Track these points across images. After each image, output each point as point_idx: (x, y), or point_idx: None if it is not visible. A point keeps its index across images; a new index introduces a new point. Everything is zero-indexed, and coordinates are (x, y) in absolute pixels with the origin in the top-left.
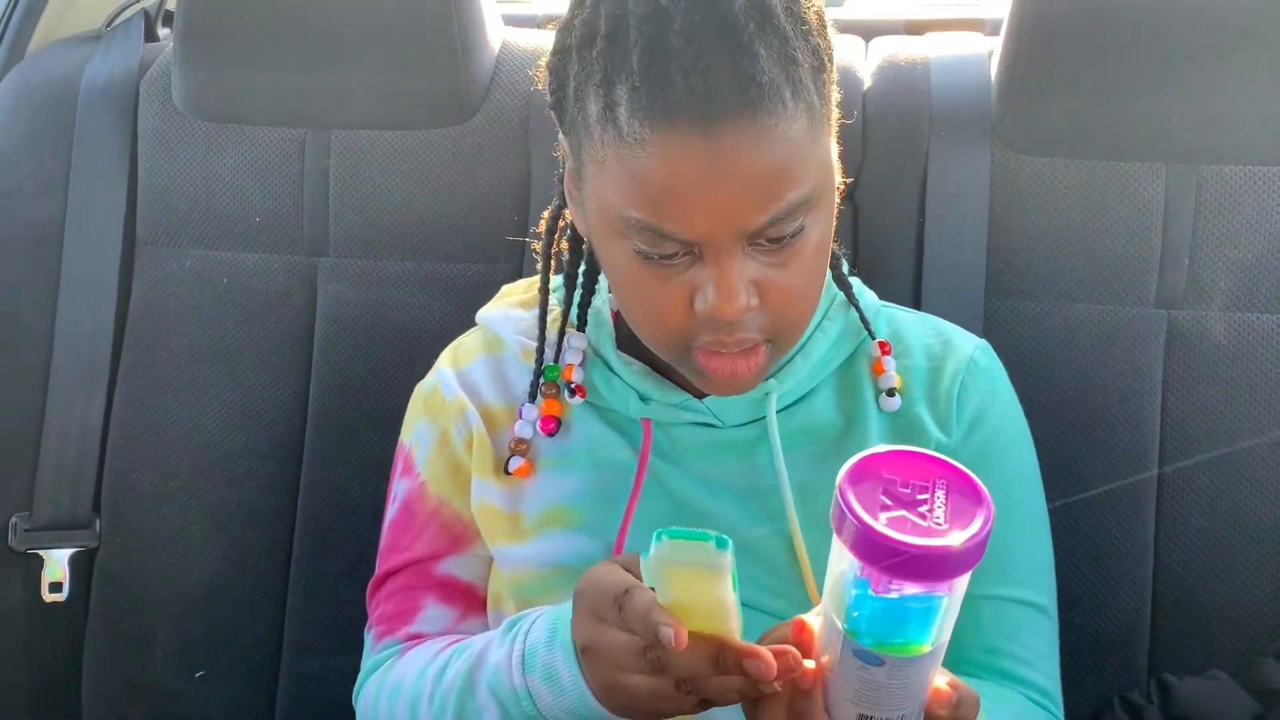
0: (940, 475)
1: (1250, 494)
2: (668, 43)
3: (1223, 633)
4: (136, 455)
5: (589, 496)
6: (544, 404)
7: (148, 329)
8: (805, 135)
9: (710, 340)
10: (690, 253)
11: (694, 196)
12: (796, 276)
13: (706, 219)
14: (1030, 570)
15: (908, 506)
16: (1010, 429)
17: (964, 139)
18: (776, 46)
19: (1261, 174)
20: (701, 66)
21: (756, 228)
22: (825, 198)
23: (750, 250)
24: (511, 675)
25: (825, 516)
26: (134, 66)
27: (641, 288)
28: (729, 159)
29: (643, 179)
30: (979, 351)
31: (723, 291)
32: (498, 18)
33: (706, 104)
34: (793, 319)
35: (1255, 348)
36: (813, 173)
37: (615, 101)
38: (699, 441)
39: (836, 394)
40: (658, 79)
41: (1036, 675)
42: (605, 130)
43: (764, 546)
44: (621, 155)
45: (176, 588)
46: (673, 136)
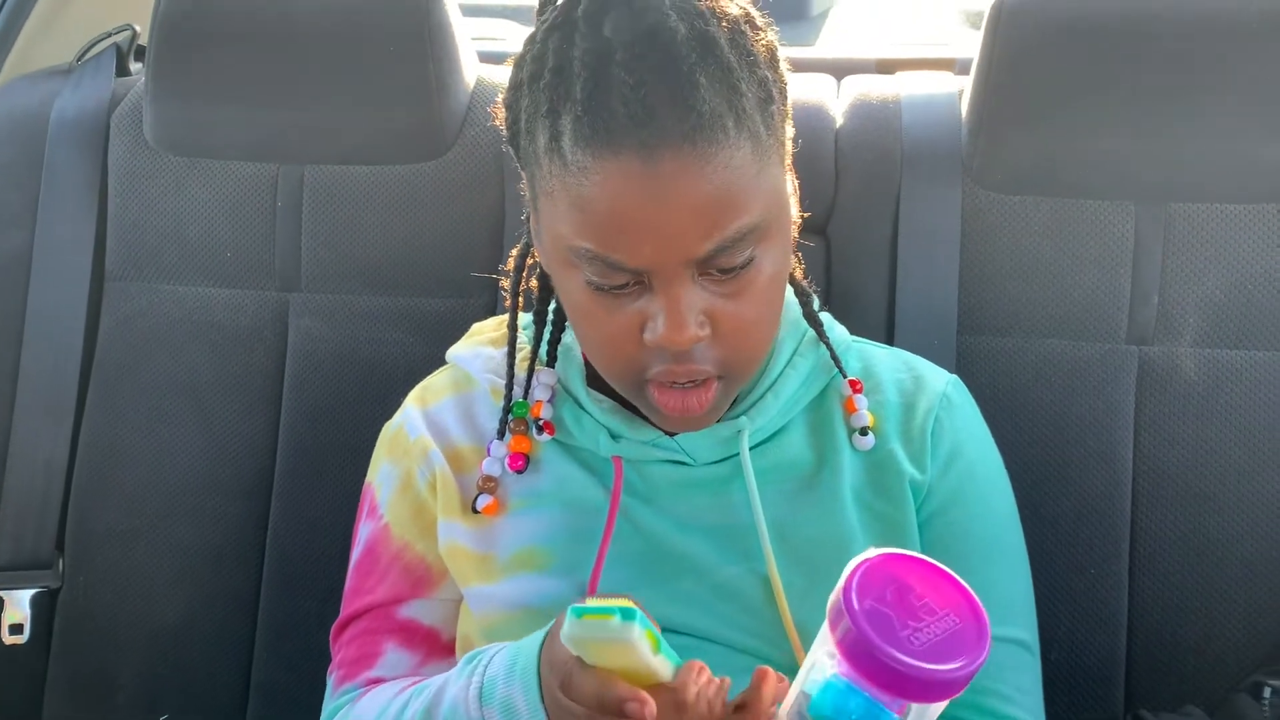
0: (958, 614)
1: (1222, 529)
2: (610, 73)
3: (1197, 668)
4: (102, 493)
5: (561, 537)
6: (512, 441)
7: (115, 365)
8: (749, 164)
9: (661, 371)
10: (640, 282)
11: (637, 224)
12: (749, 308)
13: (651, 247)
14: (1010, 607)
15: (906, 617)
16: (986, 464)
17: (935, 177)
18: (719, 77)
19: (1229, 212)
20: (641, 95)
21: (702, 255)
22: (776, 229)
23: (701, 280)
24: (469, 707)
25: (800, 554)
26: (105, 100)
27: (594, 319)
28: (669, 186)
29: (587, 207)
30: (951, 387)
31: (671, 320)
32: (473, 54)
33: (646, 131)
34: (746, 352)
35: (1225, 383)
36: (760, 202)
37: (560, 131)
38: (671, 479)
39: (808, 431)
40: (599, 107)
41: (1020, 712)
42: (552, 160)
43: (739, 585)
44: (567, 184)
45: (141, 629)
46: (613, 163)
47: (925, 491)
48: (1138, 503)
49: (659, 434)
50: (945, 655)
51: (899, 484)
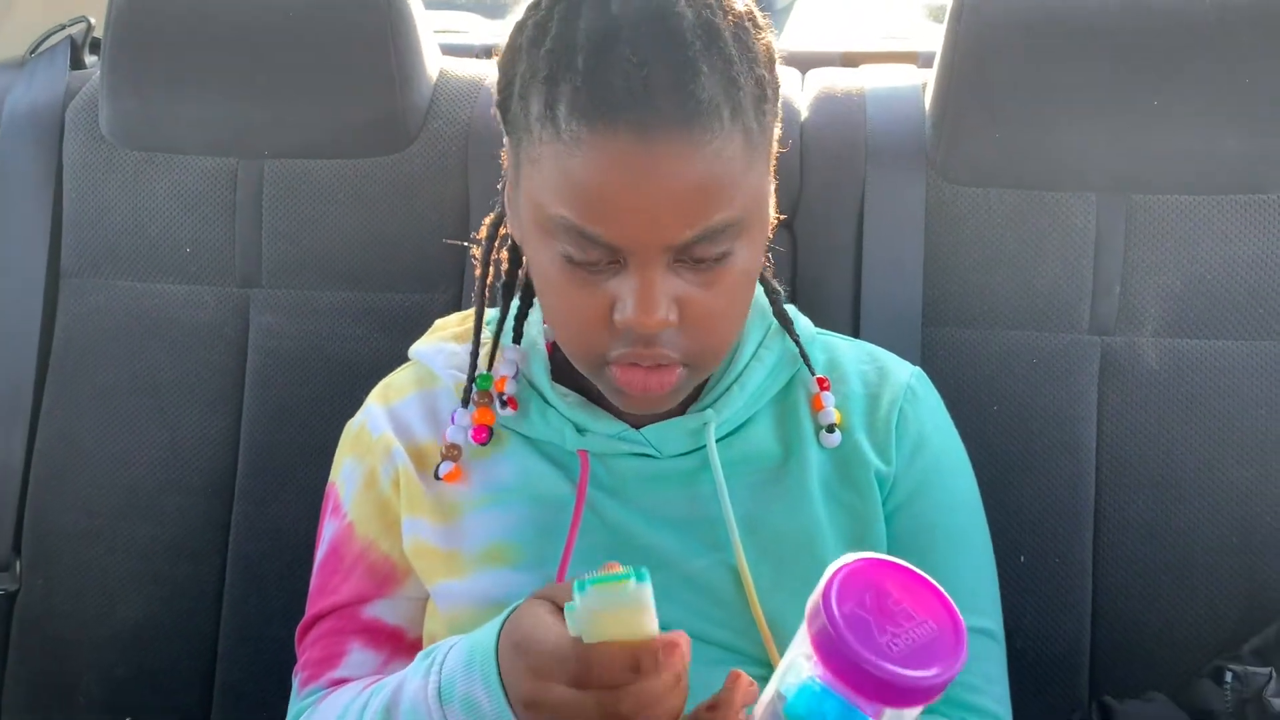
0: (936, 620)
1: (1184, 516)
2: (614, 49)
3: (1160, 654)
4: (60, 493)
5: (528, 532)
6: (476, 413)
7: (72, 363)
8: (740, 158)
9: (626, 354)
10: (615, 262)
11: (623, 201)
12: (719, 300)
13: (633, 226)
14: (976, 596)
15: (885, 622)
16: (950, 455)
17: (899, 169)
18: (720, 67)
19: (1188, 203)
20: (644, 74)
21: (681, 242)
22: (756, 227)
23: (675, 267)
24: (429, 707)
25: (767, 546)
26: (59, 94)
27: (565, 294)
28: (661, 168)
29: (575, 178)
30: (915, 379)
31: (642, 302)
32: (435, 47)
33: (644, 109)
34: (712, 343)
35: (1186, 372)
36: (744, 197)
37: (556, 99)
38: (637, 472)
39: (774, 423)
40: (600, 80)
41: (986, 700)
42: (544, 128)
43: (708, 577)
44: (557, 153)
45: (102, 631)
46: (609, 138)
47: (891, 483)
48: (1101, 491)
49: (625, 427)
50: (922, 661)
51: (865, 475)
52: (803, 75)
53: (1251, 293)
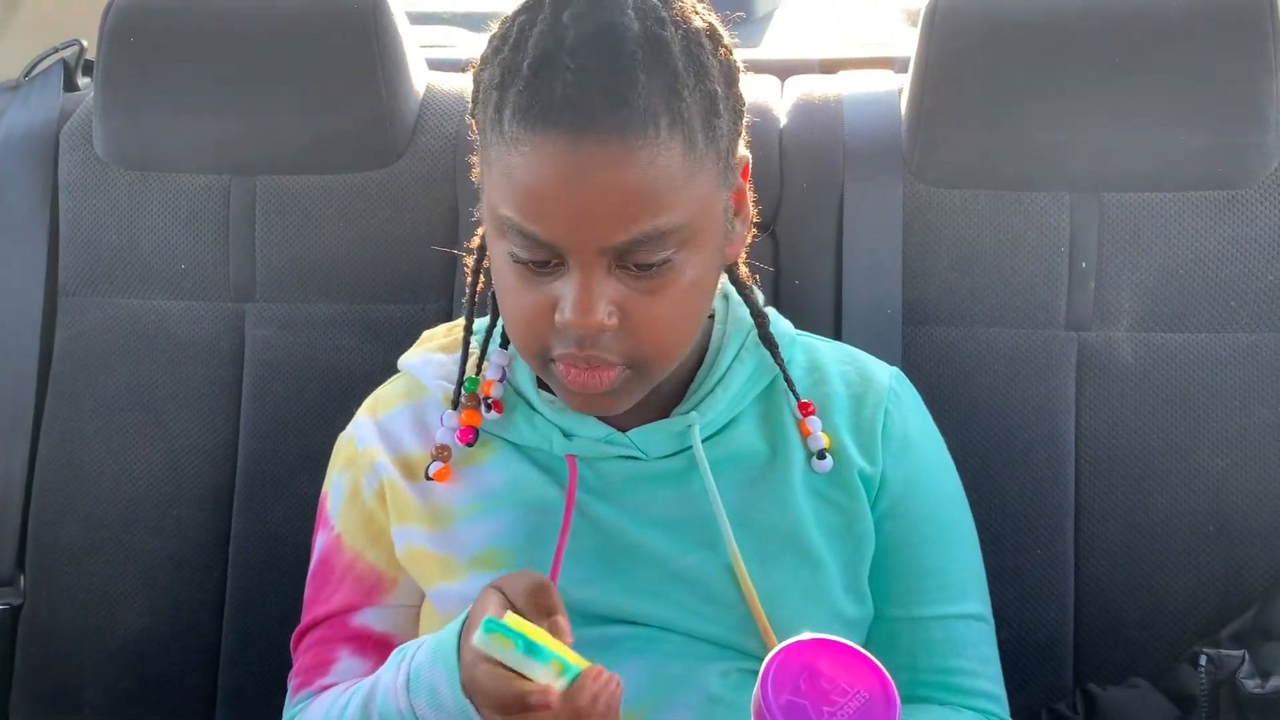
0: (867, 688)
1: (1162, 506)
2: (558, 57)
3: (1142, 641)
4: (61, 508)
5: (519, 537)
6: (464, 415)
7: (71, 379)
8: (679, 167)
9: (565, 355)
10: (559, 264)
11: (556, 203)
12: (663, 308)
13: (566, 225)
14: (967, 585)
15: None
16: (934, 452)
17: (877, 173)
18: (662, 79)
19: (1159, 200)
20: (580, 80)
21: (616, 244)
22: (703, 238)
23: (617, 272)
24: (398, 697)
25: (757, 542)
26: (53, 116)
27: (513, 292)
28: (590, 171)
29: (515, 178)
30: (895, 380)
31: (578, 304)
32: (422, 62)
33: (577, 114)
34: (654, 349)
35: (1160, 365)
36: (686, 207)
37: (504, 103)
38: (625, 475)
39: (758, 422)
40: (540, 86)
41: (984, 683)
42: (494, 130)
43: (698, 574)
44: (502, 154)
45: (105, 643)
46: (543, 140)
47: (878, 484)
48: (1081, 484)
49: (611, 430)
50: None
51: (850, 475)
52: (782, 83)
53: (1221, 286)
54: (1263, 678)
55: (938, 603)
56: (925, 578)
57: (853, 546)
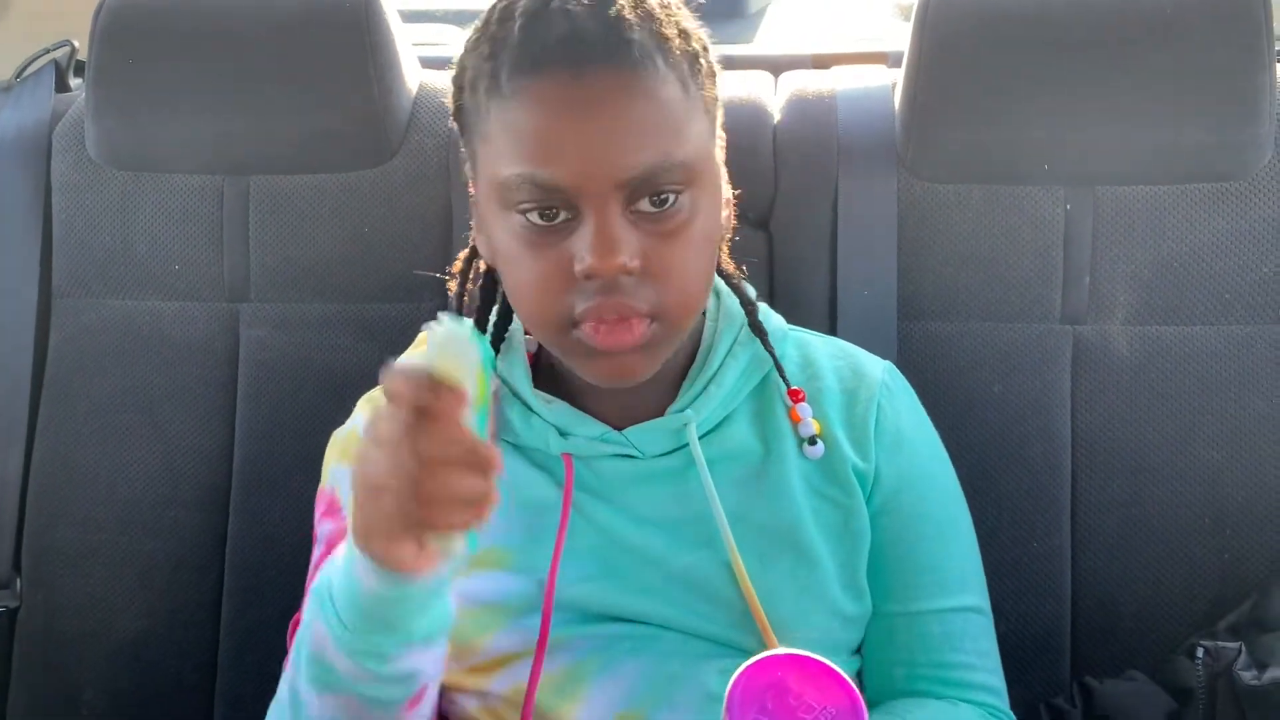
0: (835, 704)
1: (1158, 498)
2: (547, 11)
3: (1139, 634)
4: (57, 510)
5: (517, 536)
6: None
7: (66, 381)
8: (679, 103)
9: (591, 307)
10: (572, 218)
11: (566, 136)
12: (681, 252)
13: (578, 161)
14: (964, 577)
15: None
16: (928, 446)
17: (871, 169)
18: (649, 26)
19: (1153, 193)
20: (574, 22)
21: (631, 175)
22: (707, 181)
23: (631, 217)
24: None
25: (753, 540)
26: (45, 117)
27: (525, 262)
28: (598, 100)
29: (521, 129)
30: (888, 374)
31: (599, 246)
32: (414, 60)
33: (577, 49)
34: (677, 296)
35: (1156, 358)
36: (691, 143)
37: (499, 69)
38: (622, 474)
39: (752, 419)
40: (534, 39)
41: (982, 675)
42: (490, 99)
43: (696, 572)
44: (504, 113)
45: (102, 645)
46: (544, 81)
47: (873, 480)
48: (1077, 477)
49: (607, 429)
50: None
51: (844, 470)
52: (775, 79)
53: (1216, 279)
54: (1259, 669)
55: (934, 597)
56: (922, 573)
57: (850, 543)
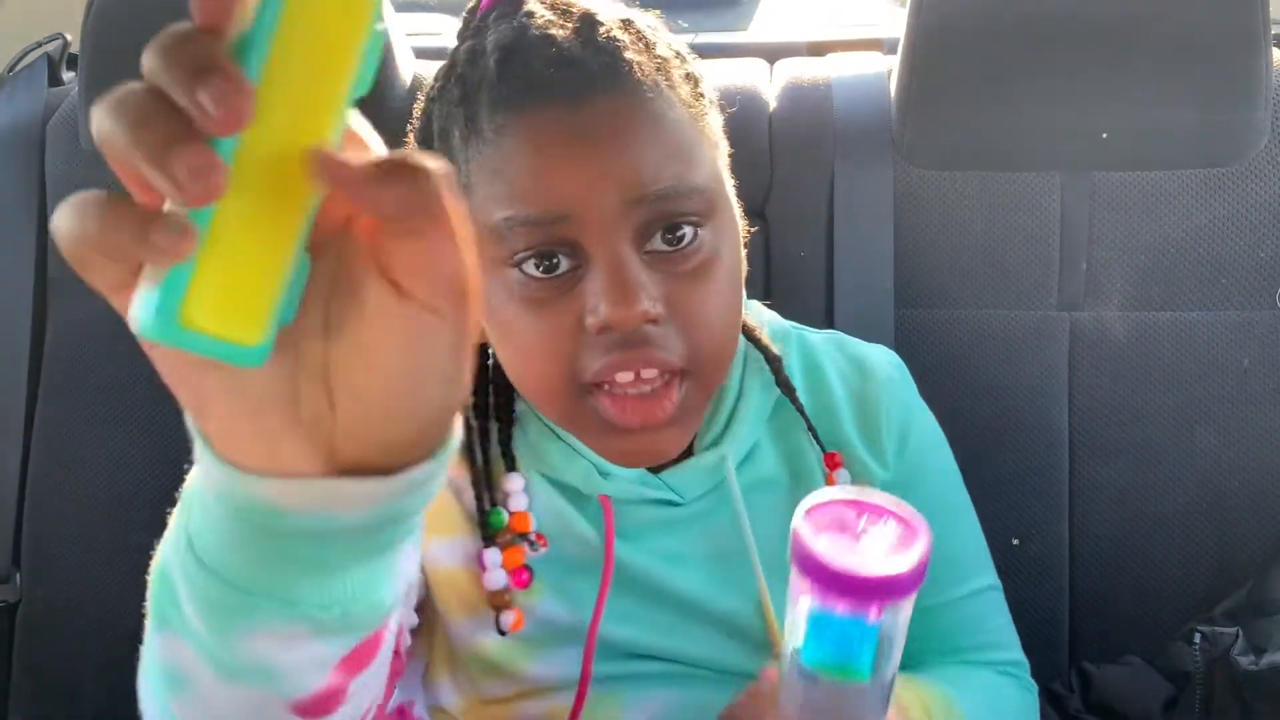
0: (889, 513)
1: (1155, 484)
2: (525, 40)
3: (1137, 619)
4: (56, 504)
5: (557, 572)
6: (505, 558)
7: (64, 374)
8: (687, 127)
9: (609, 363)
10: (577, 265)
11: (563, 168)
12: (708, 294)
13: (580, 189)
14: (976, 559)
15: (855, 536)
16: (931, 434)
17: (867, 155)
18: (640, 47)
19: (1149, 179)
20: (564, 49)
21: (641, 196)
22: (725, 216)
23: (646, 259)
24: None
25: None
26: (39, 111)
27: (524, 323)
28: (599, 126)
29: (506, 168)
30: (892, 368)
31: (616, 290)
32: (408, 50)
33: (572, 75)
34: (709, 344)
35: (1152, 344)
36: (703, 168)
37: (476, 112)
38: (658, 517)
39: (774, 442)
40: (514, 70)
41: (1002, 652)
42: (469, 145)
43: (739, 617)
44: (486, 159)
45: (103, 639)
46: (536, 117)
47: (886, 486)
48: (1075, 463)
49: (644, 471)
50: (899, 554)
51: (871, 485)
52: (770, 66)
53: (1212, 264)
54: (1256, 654)
55: (950, 586)
56: (938, 565)
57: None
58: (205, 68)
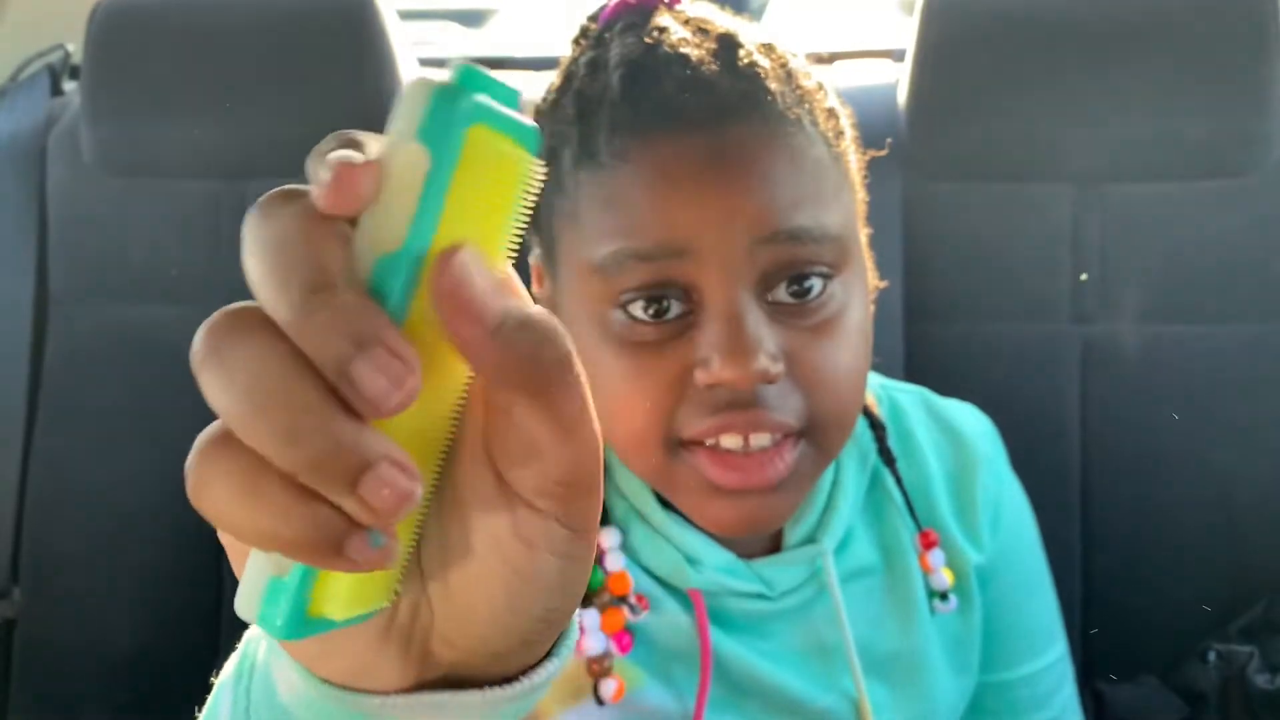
0: None
1: (1169, 500)
2: (655, 55)
3: (1151, 637)
4: (55, 520)
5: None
6: (604, 620)
7: (63, 389)
8: (828, 168)
9: (715, 424)
10: (689, 310)
11: (687, 195)
12: (835, 352)
13: (702, 224)
14: (1051, 628)
15: None
16: (1020, 509)
17: (875, 166)
18: (789, 77)
19: (1161, 190)
20: (698, 71)
21: (768, 235)
22: (857, 271)
23: (768, 309)
24: None
25: (882, 668)
26: (40, 122)
27: (623, 371)
28: (735, 155)
29: (623, 199)
30: (986, 440)
31: (732, 343)
32: (413, 60)
33: (707, 100)
34: (832, 406)
35: (1165, 357)
36: (842, 215)
37: (593, 130)
38: (748, 610)
39: (869, 526)
40: (643, 91)
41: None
42: (581, 168)
43: (835, 715)
44: (599, 187)
45: (103, 656)
46: (663, 142)
47: (978, 569)
48: (1088, 478)
49: (734, 559)
50: None
51: (967, 575)
52: None
53: (1226, 277)
54: (1272, 673)
55: (1026, 661)
56: (1016, 639)
57: (967, 644)
58: (363, 338)
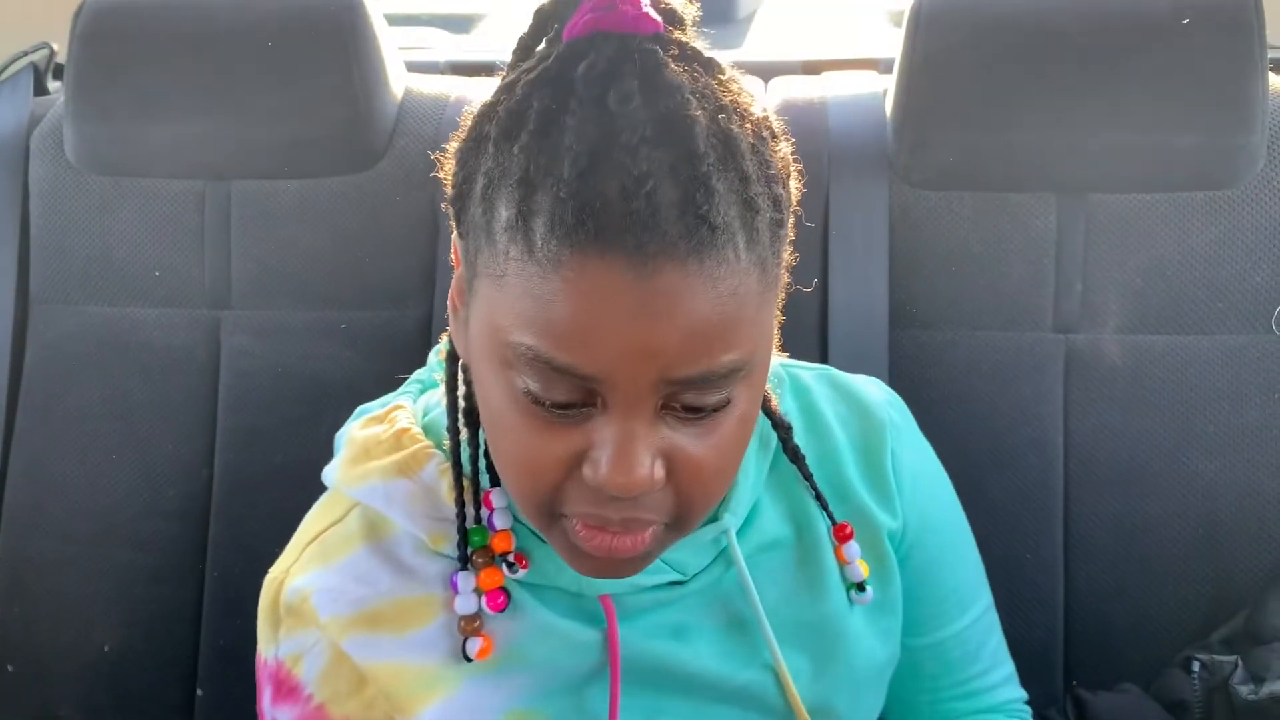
0: None
1: (1151, 510)
2: (610, 155)
3: (1133, 646)
4: (35, 522)
5: (554, 692)
6: (482, 576)
7: (44, 390)
8: (754, 295)
9: (587, 514)
10: (588, 405)
11: (608, 338)
12: (714, 451)
13: (618, 360)
14: (976, 584)
15: None
16: (933, 469)
17: (862, 175)
18: (736, 187)
19: (1145, 201)
20: (647, 190)
21: (679, 376)
22: (759, 370)
23: (664, 415)
24: None
25: (800, 638)
26: (23, 121)
27: (518, 436)
28: (663, 303)
29: (549, 307)
30: (890, 407)
31: (621, 458)
32: (400, 64)
33: (647, 234)
34: (700, 501)
35: (1148, 367)
36: (752, 340)
37: (533, 210)
38: (662, 598)
39: (775, 500)
40: (591, 195)
41: (996, 673)
42: (513, 241)
43: (756, 689)
44: (528, 275)
45: (81, 658)
46: (597, 264)
47: (901, 533)
48: (1070, 488)
49: None
50: None
51: (880, 542)
52: (765, 84)
53: (1210, 288)
54: (1256, 683)
55: (955, 618)
56: (943, 600)
57: (889, 608)
58: None
